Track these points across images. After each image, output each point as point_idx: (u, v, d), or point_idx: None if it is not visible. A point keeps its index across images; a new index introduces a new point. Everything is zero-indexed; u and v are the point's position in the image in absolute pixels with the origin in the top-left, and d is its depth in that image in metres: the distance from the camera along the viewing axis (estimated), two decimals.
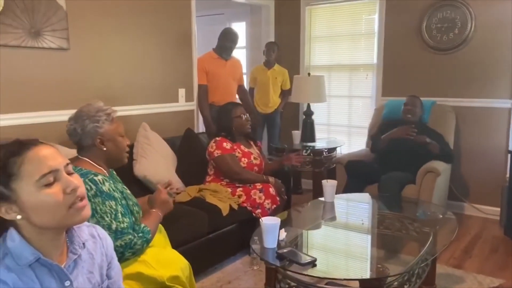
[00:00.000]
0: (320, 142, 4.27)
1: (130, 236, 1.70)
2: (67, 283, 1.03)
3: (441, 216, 2.60)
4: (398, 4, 4.05)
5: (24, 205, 0.96)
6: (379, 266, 1.95)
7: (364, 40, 4.46)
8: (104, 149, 1.80)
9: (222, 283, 2.65)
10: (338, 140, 4.38)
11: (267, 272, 2.12)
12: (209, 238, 2.72)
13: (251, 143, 3.26)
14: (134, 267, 1.70)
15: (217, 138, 3.05)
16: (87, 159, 1.79)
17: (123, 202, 1.78)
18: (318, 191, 3.34)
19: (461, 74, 3.82)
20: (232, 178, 3.00)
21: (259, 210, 2.87)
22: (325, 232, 2.48)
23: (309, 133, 4.26)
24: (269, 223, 1.94)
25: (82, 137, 1.79)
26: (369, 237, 2.37)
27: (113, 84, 3.10)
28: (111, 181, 1.79)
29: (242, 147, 3.12)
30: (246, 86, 4.48)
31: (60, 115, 2.72)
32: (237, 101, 4.07)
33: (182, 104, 3.69)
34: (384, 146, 3.50)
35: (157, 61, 3.43)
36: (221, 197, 2.85)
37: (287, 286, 2.00)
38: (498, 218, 3.64)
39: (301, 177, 4.58)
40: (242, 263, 2.90)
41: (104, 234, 1.23)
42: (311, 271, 1.77)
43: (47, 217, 0.98)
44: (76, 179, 1.04)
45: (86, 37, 2.88)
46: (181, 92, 3.68)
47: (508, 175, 3.47)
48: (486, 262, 2.94)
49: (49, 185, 0.98)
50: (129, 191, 1.91)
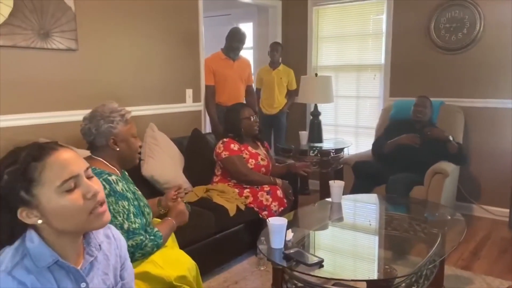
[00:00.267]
0: (328, 143, 4.27)
1: (141, 237, 1.71)
2: (83, 285, 1.03)
3: (449, 217, 2.58)
4: (406, 4, 4.03)
5: (45, 210, 0.96)
6: (386, 267, 1.94)
7: (372, 40, 4.44)
8: (117, 149, 1.82)
9: (229, 283, 2.65)
10: (346, 140, 4.37)
11: (274, 272, 2.12)
12: (216, 238, 2.72)
13: (258, 144, 3.26)
14: (142, 266, 1.71)
15: (224, 139, 3.05)
16: (100, 159, 1.80)
17: (135, 203, 1.80)
18: (325, 192, 3.33)
19: (470, 74, 3.79)
20: (240, 180, 3.00)
21: (265, 212, 2.87)
22: (332, 233, 2.47)
23: (316, 134, 4.25)
24: (276, 223, 1.94)
25: (96, 137, 1.81)
26: (377, 238, 2.36)
27: (121, 84, 3.12)
28: (124, 182, 1.80)
29: (249, 148, 3.12)
30: (254, 86, 4.49)
31: (68, 116, 2.75)
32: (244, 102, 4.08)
33: (190, 104, 3.70)
34: (390, 150, 3.47)
35: (165, 62, 3.45)
36: (228, 197, 2.85)
37: (294, 286, 2.00)
38: (507, 219, 3.59)
39: (308, 178, 4.57)
40: (249, 264, 2.90)
41: (119, 234, 1.23)
42: (318, 272, 1.77)
43: (68, 222, 0.98)
44: (96, 183, 1.03)
45: (94, 38, 2.90)
46: (189, 92, 3.69)
47: None
48: (495, 263, 2.91)
49: (70, 190, 0.97)
50: (140, 193, 1.92)
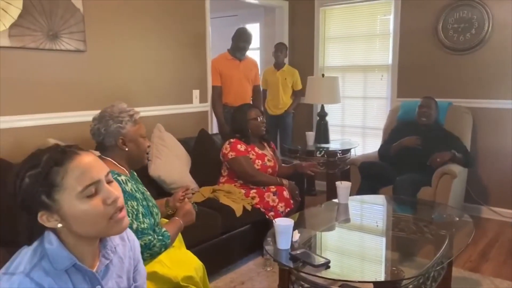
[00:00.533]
0: (334, 144, 4.26)
1: (150, 237, 1.72)
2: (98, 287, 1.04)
3: (457, 219, 2.57)
4: (413, 4, 4.01)
5: (65, 215, 0.96)
6: (393, 268, 1.94)
7: (379, 41, 4.42)
8: (126, 149, 1.83)
9: (235, 283, 2.66)
10: (352, 141, 4.36)
11: (280, 273, 2.12)
12: (222, 238, 2.73)
13: (265, 144, 3.26)
14: (150, 266, 1.72)
15: (231, 140, 3.05)
16: (110, 159, 1.82)
17: (144, 203, 1.81)
18: (332, 193, 3.33)
19: (478, 75, 3.76)
20: (246, 180, 3.00)
21: (272, 213, 2.86)
22: (339, 234, 2.46)
23: (323, 135, 4.25)
24: (283, 224, 1.94)
25: (105, 137, 1.82)
26: (384, 239, 2.35)
27: (128, 85, 3.13)
28: (133, 182, 1.81)
29: (256, 149, 3.12)
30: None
31: (77, 116, 2.78)
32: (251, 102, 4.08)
33: (196, 105, 3.72)
34: (394, 154, 3.46)
35: (172, 63, 3.46)
36: (235, 198, 2.86)
37: (300, 287, 2.00)
38: None
39: (315, 179, 4.56)
40: (255, 264, 2.90)
41: (133, 236, 1.22)
42: (324, 273, 1.77)
43: (87, 228, 0.99)
44: (115, 188, 1.03)
45: (102, 39, 2.92)
46: (195, 93, 3.70)
47: None
48: (504, 265, 2.89)
49: (91, 196, 0.97)
50: (148, 193, 1.93)
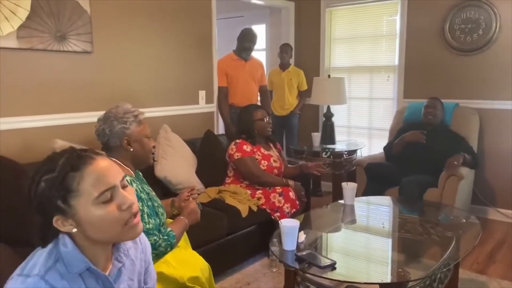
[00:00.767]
0: (340, 144, 4.25)
1: (155, 238, 1.73)
2: None
3: (464, 221, 2.55)
4: (420, 5, 4.00)
5: (81, 220, 0.96)
6: (400, 270, 1.93)
7: (386, 42, 4.41)
8: (131, 150, 1.84)
9: (241, 284, 2.66)
10: (359, 142, 4.35)
11: (286, 274, 2.12)
12: (228, 239, 2.73)
13: (271, 145, 3.26)
14: (156, 267, 1.70)
15: (237, 141, 3.06)
16: (115, 160, 1.82)
17: (149, 203, 1.81)
18: (338, 194, 3.32)
19: (485, 76, 3.74)
20: (252, 181, 3.00)
21: (278, 214, 2.86)
22: (345, 235, 2.46)
23: (329, 135, 4.24)
24: (289, 225, 1.94)
25: (110, 137, 1.83)
26: (390, 240, 2.34)
27: (135, 86, 3.15)
28: (138, 182, 1.82)
29: (262, 149, 3.12)
30: None
31: (84, 117, 2.79)
32: (258, 102, 4.09)
33: (202, 106, 3.73)
34: (398, 150, 3.45)
35: (178, 64, 3.47)
36: (241, 198, 2.86)
37: None
38: None
39: (321, 180, 4.56)
40: (261, 265, 2.90)
41: (145, 238, 1.22)
42: (330, 274, 1.77)
43: (102, 233, 0.99)
44: (130, 193, 1.03)
45: (109, 40, 2.94)
46: (201, 94, 3.71)
47: None
48: (511, 267, 2.86)
49: (106, 202, 0.97)
50: (154, 193, 1.94)
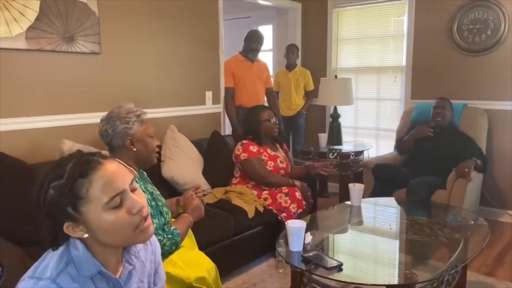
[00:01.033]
0: (347, 145, 4.24)
1: (159, 237, 1.74)
2: None
3: (472, 222, 2.53)
4: (428, 5, 3.98)
5: (91, 226, 0.95)
6: (407, 272, 1.92)
7: (393, 42, 4.39)
8: (134, 149, 1.84)
9: (247, 285, 2.66)
10: (365, 143, 4.33)
11: (292, 275, 2.12)
12: (234, 240, 2.73)
13: (277, 146, 3.26)
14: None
15: (243, 141, 3.06)
16: (118, 160, 1.83)
17: (153, 203, 1.82)
18: (344, 195, 3.30)
19: (494, 76, 3.71)
20: (259, 182, 3.00)
21: (284, 214, 2.86)
22: (352, 236, 2.45)
23: (335, 136, 4.23)
24: (295, 226, 1.94)
25: (113, 138, 1.83)
26: (397, 242, 2.33)
27: (142, 87, 3.16)
28: (141, 182, 1.83)
29: (268, 150, 3.12)
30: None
31: (91, 118, 2.80)
32: (265, 103, 4.09)
33: (209, 106, 3.73)
34: (410, 148, 3.43)
35: (185, 64, 3.48)
36: (247, 199, 2.86)
37: None
38: None
39: (328, 181, 4.55)
40: (267, 266, 2.90)
41: (155, 239, 1.22)
42: (337, 276, 1.76)
43: (113, 237, 0.98)
44: (140, 196, 1.02)
45: (116, 41, 2.95)
46: (208, 94, 3.72)
47: None
48: None
49: (116, 207, 0.96)
50: (158, 192, 1.95)
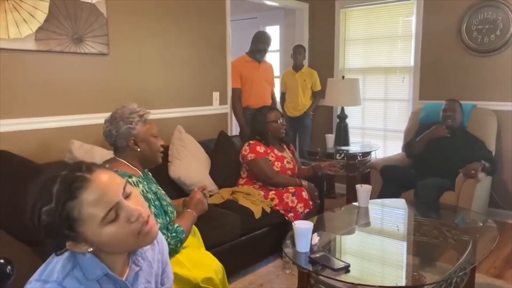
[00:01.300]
0: (354, 146, 4.22)
1: (164, 237, 1.74)
2: None
3: (481, 224, 2.51)
4: (436, 5, 3.95)
5: (93, 241, 0.94)
6: (415, 273, 1.91)
7: (401, 42, 4.36)
8: (138, 149, 1.85)
9: (254, 285, 2.66)
10: (373, 144, 4.31)
11: (299, 276, 2.12)
12: (241, 240, 2.73)
13: (284, 146, 3.26)
14: None
15: (250, 142, 3.06)
16: (122, 160, 1.84)
17: (157, 203, 1.82)
18: (352, 196, 3.29)
19: (503, 77, 3.67)
20: (265, 182, 3.00)
21: (291, 214, 2.86)
22: (359, 238, 2.44)
23: (343, 137, 4.22)
24: (302, 227, 1.94)
25: (116, 138, 1.84)
26: (405, 243, 2.32)
27: (150, 87, 3.18)
28: (145, 182, 1.83)
29: (275, 151, 3.12)
30: (277, 90, 4.49)
31: (99, 118, 2.78)
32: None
33: (216, 107, 3.74)
34: (421, 149, 3.41)
35: (192, 65, 3.49)
36: (254, 200, 2.86)
37: None
38: None
39: (335, 181, 4.54)
40: (274, 267, 2.90)
41: (162, 238, 1.21)
42: (344, 277, 1.76)
43: (117, 247, 0.98)
44: (136, 200, 0.99)
45: (124, 42, 2.97)
46: (215, 95, 3.72)
47: None
48: None
49: (113, 221, 0.93)
50: (163, 192, 1.95)
